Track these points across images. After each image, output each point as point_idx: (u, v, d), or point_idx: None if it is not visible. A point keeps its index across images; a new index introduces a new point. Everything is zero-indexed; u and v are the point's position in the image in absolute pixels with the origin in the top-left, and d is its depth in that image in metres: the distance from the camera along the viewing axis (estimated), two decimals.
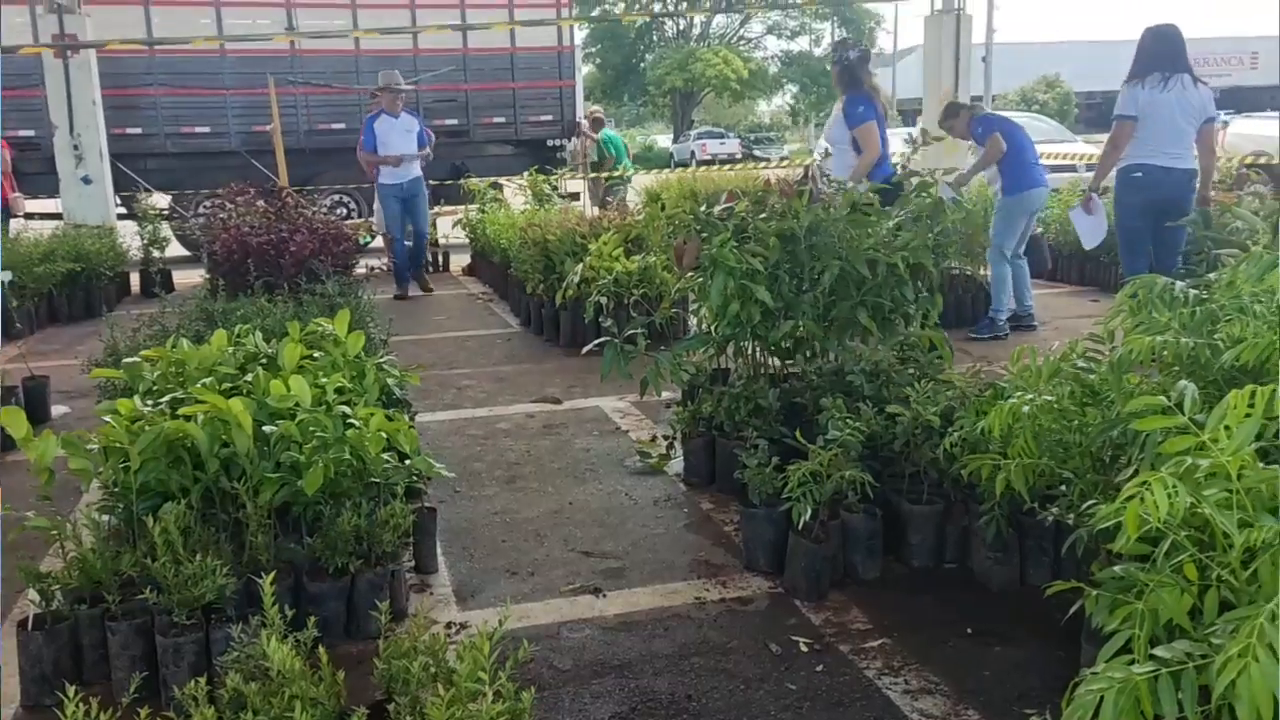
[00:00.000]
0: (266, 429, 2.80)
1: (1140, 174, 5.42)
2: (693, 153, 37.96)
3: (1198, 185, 5.46)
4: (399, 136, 8.59)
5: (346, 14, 11.87)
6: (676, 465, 4.13)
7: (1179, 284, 2.41)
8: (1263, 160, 11.09)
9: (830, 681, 2.53)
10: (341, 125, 11.88)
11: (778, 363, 4.24)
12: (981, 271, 7.11)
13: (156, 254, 9.33)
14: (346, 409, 2.98)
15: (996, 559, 2.98)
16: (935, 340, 4.00)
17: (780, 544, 3.12)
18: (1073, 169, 13.57)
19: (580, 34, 41.20)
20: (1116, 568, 1.66)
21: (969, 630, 2.77)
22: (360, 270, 8.34)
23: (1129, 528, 1.43)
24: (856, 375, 3.82)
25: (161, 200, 11.27)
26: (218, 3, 11.46)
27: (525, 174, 10.48)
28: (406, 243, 8.93)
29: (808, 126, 51.71)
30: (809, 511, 2.91)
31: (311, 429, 2.80)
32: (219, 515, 2.79)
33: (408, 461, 3.07)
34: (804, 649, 2.69)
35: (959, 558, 3.16)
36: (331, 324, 3.57)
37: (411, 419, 3.78)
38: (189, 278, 9.06)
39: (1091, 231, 6.03)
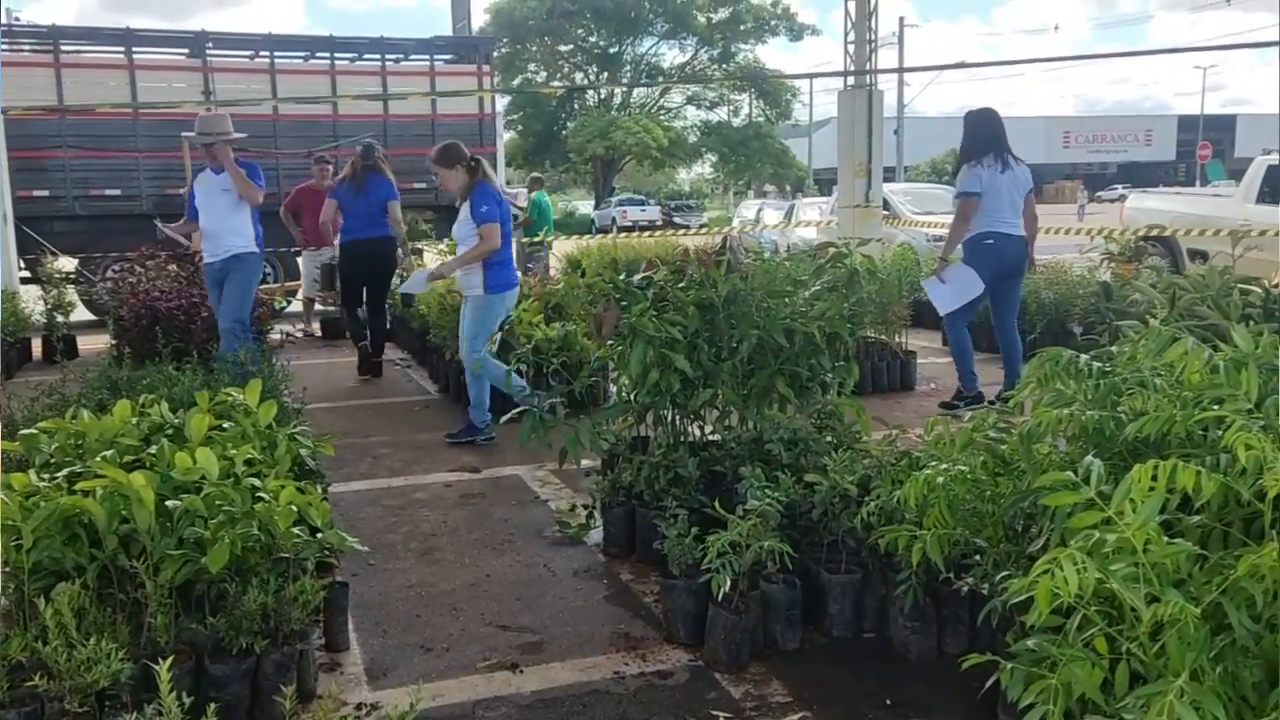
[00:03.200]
0: (170, 503, 2.70)
1: (992, 240, 6.08)
2: (614, 219, 38.36)
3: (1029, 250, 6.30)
4: (213, 199, 6.35)
5: (265, 79, 11.81)
6: (596, 535, 4.09)
7: (1083, 357, 2.49)
8: (1156, 233, 11.63)
9: None
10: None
11: (698, 431, 4.25)
12: (896, 339, 7.27)
13: (61, 319, 9.02)
14: (256, 481, 2.89)
15: (914, 628, 3.00)
16: (852, 409, 4.06)
17: (700, 615, 3.10)
18: None
19: (502, 102, 41.72)
20: (1029, 641, 1.67)
21: (887, 701, 2.77)
22: (276, 336, 8.17)
23: (1041, 604, 1.44)
24: (775, 443, 3.84)
25: (68, 264, 10.94)
26: (131, 66, 11.30)
27: (445, 240, 10.44)
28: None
29: (727, 194, 52.81)
30: (728, 582, 2.89)
31: (218, 503, 2.71)
32: (117, 595, 2.66)
33: (319, 535, 2.97)
34: None
35: (878, 627, 3.17)
36: (242, 393, 3.47)
37: (325, 490, 3.69)
38: (94, 344, 8.77)
39: (945, 298, 6.36)
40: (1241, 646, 1.41)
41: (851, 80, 12.50)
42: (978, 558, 2.63)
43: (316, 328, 10.41)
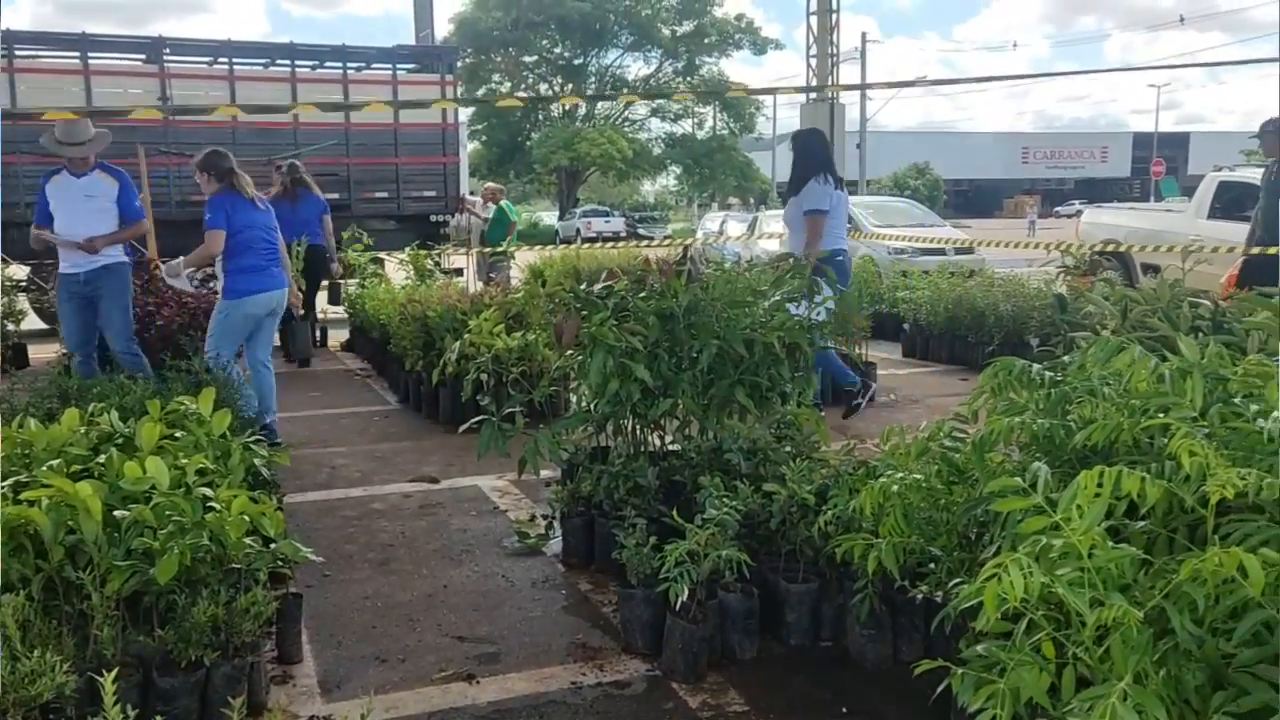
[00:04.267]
0: (118, 514, 2.65)
1: (841, 257, 6.31)
2: (578, 230, 38.39)
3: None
4: (76, 205, 5.78)
5: (224, 86, 11.68)
6: (555, 545, 4.07)
7: (1035, 366, 2.52)
8: (1111, 248, 11.82)
9: None
10: None
11: (658, 440, 4.25)
12: (856, 350, 7.32)
13: (11, 327, 8.86)
14: (208, 491, 2.85)
15: (870, 636, 3.01)
16: (811, 418, 4.08)
17: (658, 625, 3.09)
18: (942, 252, 14.22)
19: (466, 112, 41.62)
20: (979, 646, 1.68)
21: (844, 709, 2.78)
22: None
23: (988, 608, 1.46)
24: (734, 453, 3.85)
25: (19, 271, 10.75)
26: (86, 71, 11.14)
27: (407, 249, 10.39)
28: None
29: (691, 207, 53.03)
30: (686, 591, 2.89)
31: (167, 513, 2.66)
32: (63, 607, 2.61)
33: (273, 546, 2.93)
34: None
35: (835, 635, 3.18)
36: (195, 402, 3.42)
37: (280, 500, 3.64)
38: (45, 352, 8.61)
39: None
40: (1184, 650, 1.43)
41: (814, 96, 12.63)
42: (932, 565, 2.64)
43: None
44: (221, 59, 12.09)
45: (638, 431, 4.19)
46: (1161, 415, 1.90)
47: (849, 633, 3.11)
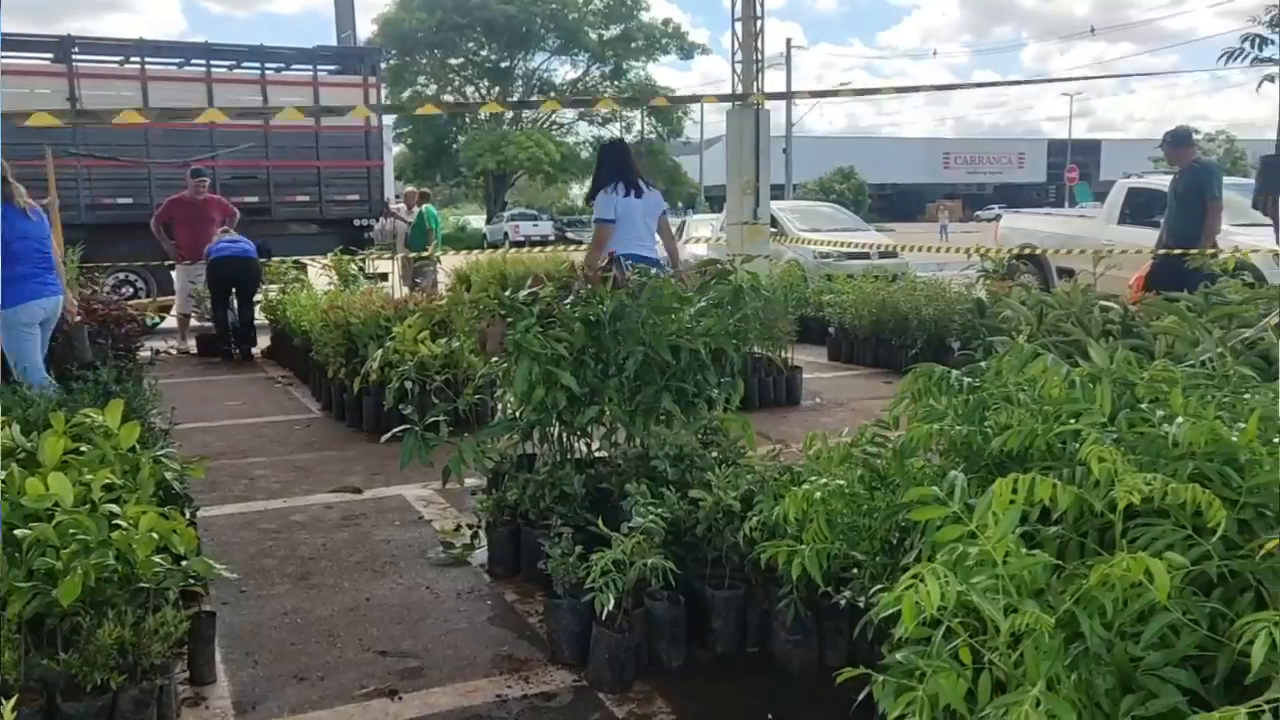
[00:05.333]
0: (19, 532, 2.54)
1: (629, 264, 6.24)
2: (506, 234, 38.13)
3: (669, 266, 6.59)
4: None
5: (135, 86, 11.33)
6: (481, 555, 4.02)
7: (954, 373, 2.55)
8: (1027, 252, 12.13)
9: None
10: (129, 200, 11.26)
11: (584, 448, 4.23)
12: (781, 354, 7.39)
13: None
14: (115, 508, 2.74)
15: (796, 642, 3.03)
16: (737, 424, 4.09)
17: (585, 635, 3.07)
18: (866, 256, 14.44)
19: (390, 114, 41.07)
20: (899, 654, 1.70)
21: (770, 715, 2.79)
22: (146, 354, 7.83)
23: (906, 617, 1.47)
24: (661, 460, 3.84)
25: None
26: None
27: (330, 254, 10.21)
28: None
29: None
30: (612, 601, 2.87)
31: (71, 531, 2.56)
32: None
33: (184, 563, 2.84)
34: None
35: (761, 641, 3.19)
36: (102, 414, 3.30)
37: (192, 515, 3.53)
38: None
39: None
40: (1094, 654, 1.46)
41: (739, 103, 12.71)
42: (856, 571, 2.66)
43: (192, 345, 10.03)
44: (134, 58, 11.75)
45: (564, 439, 4.15)
46: (1073, 421, 1.94)
47: (775, 639, 3.12)
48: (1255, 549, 1.52)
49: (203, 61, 11.97)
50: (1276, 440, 1.68)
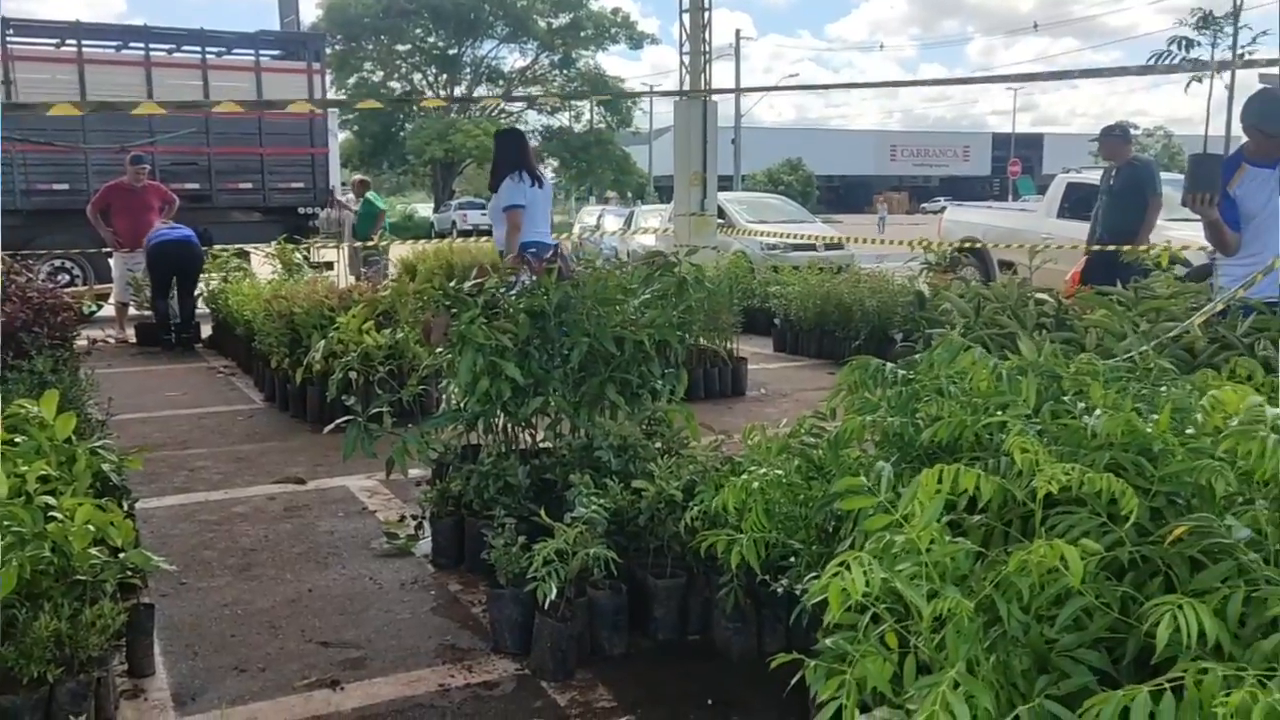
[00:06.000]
0: None
1: (535, 250, 6.45)
2: (454, 222, 37.81)
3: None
4: None
5: (72, 70, 11.06)
6: (425, 546, 4.02)
7: (889, 365, 2.61)
8: (970, 245, 12.34)
9: None
10: (65, 186, 11.00)
11: (529, 439, 4.24)
12: (727, 345, 7.45)
13: None
14: (51, 500, 2.71)
15: (735, 629, 3.08)
16: (681, 414, 4.13)
17: (527, 624, 3.09)
18: (812, 248, 14.58)
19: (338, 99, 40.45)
20: (829, 639, 1.75)
21: (709, 701, 2.84)
22: (82, 343, 7.68)
23: (832, 604, 1.52)
24: (605, 450, 3.87)
25: None
26: None
27: (274, 243, 10.08)
28: None
29: (569, 200, 52.93)
30: (554, 590, 2.90)
31: (6, 524, 2.52)
32: None
33: (121, 555, 2.81)
34: None
35: (702, 629, 3.24)
36: (37, 405, 3.24)
37: (130, 507, 3.49)
38: None
39: None
40: (1012, 637, 1.52)
41: (689, 89, 12.76)
42: (793, 559, 2.72)
43: (130, 334, 9.84)
44: (70, 41, 11.46)
45: (509, 430, 4.17)
46: (1000, 413, 2.01)
47: (715, 626, 3.17)
48: (1165, 535, 1.59)
49: (141, 45, 11.70)
50: (1189, 432, 1.76)
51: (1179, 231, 8.98)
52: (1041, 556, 1.48)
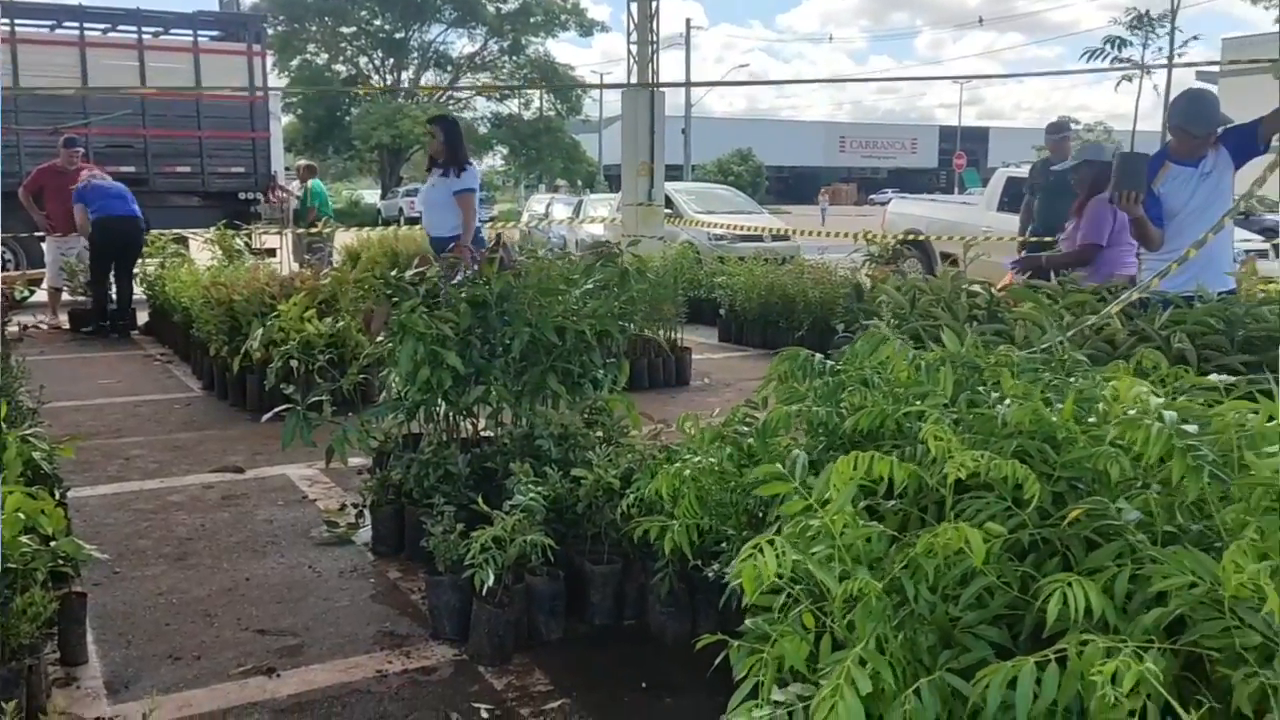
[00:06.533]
0: None
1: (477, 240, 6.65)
2: (401, 209, 37.40)
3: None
4: None
5: (3, 50, 10.78)
6: (365, 534, 4.04)
7: (817, 356, 2.68)
8: (912, 237, 12.54)
9: None
10: None
11: (470, 428, 4.27)
12: (671, 336, 7.52)
13: None
14: None
15: (669, 614, 3.14)
16: (622, 404, 4.18)
17: (465, 610, 3.13)
18: (759, 239, 14.71)
19: (280, 81, 39.79)
20: (750, 620, 1.81)
21: (644, 684, 2.90)
22: (14, 329, 7.53)
23: (746, 586, 1.58)
24: (545, 439, 3.91)
25: None
26: None
27: (213, 228, 9.93)
28: None
29: (518, 187, 52.65)
30: (491, 577, 2.94)
31: None
32: None
33: (52, 544, 2.80)
34: (485, 715, 2.71)
35: (638, 614, 3.30)
36: None
37: (62, 496, 3.46)
38: None
39: None
40: (919, 616, 1.59)
41: (636, 79, 12.78)
42: (725, 545, 2.78)
43: (64, 320, 9.65)
44: (1, 20, 11.17)
45: (450, 419, 4.19)
46: (918, 403, 2.08)
47: (651, 611, 3.23)
48: (1063, 518, 1.67)
49: (75, 25, 11.43)
50: (1091, 420, 1.85)
51: None
52: (947, 539, 1.55)
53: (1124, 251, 5.68)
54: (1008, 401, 1.91)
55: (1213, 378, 1.91)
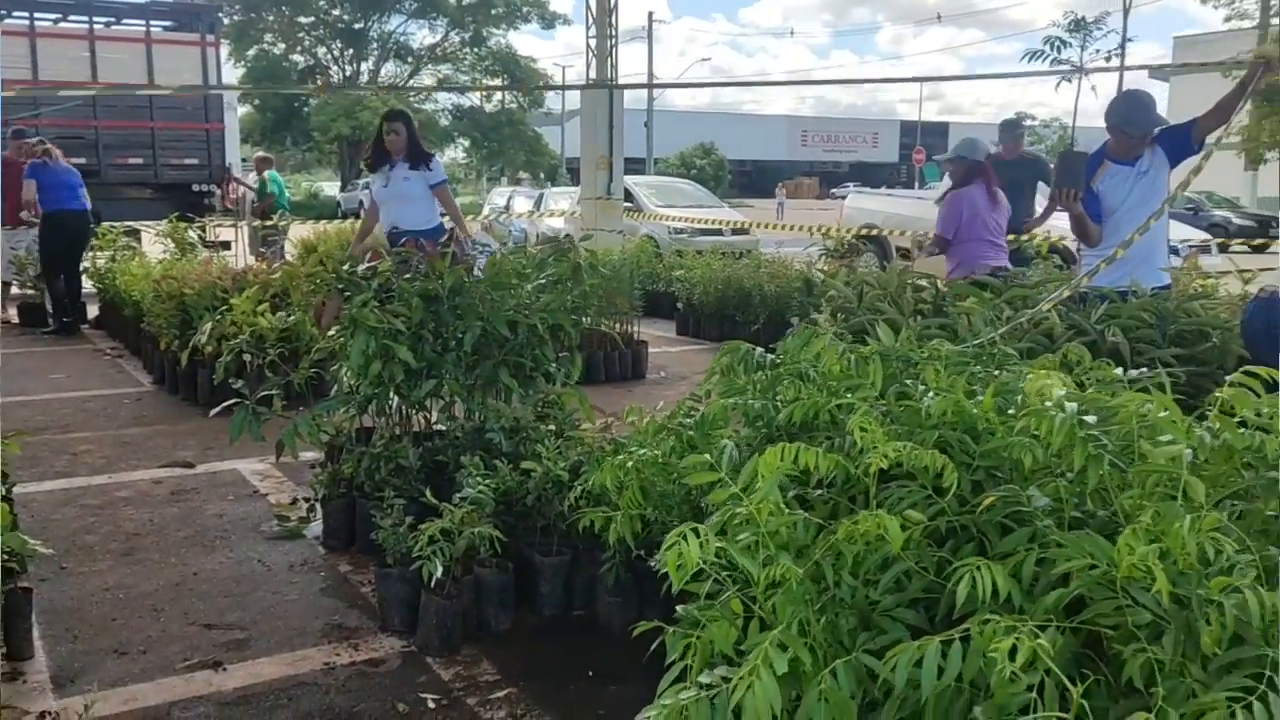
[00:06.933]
0: None
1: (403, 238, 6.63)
2: (361, 202, 37.07)
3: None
4: None
5: None
6: (317, 528, 4.05)
7: (758, 350, 2.74)
8: (873, 232, 12.68)
9: None
10: None
11: (423, 421, 4.29)
12: (627, 329, 7.56)
13: None
14: None
15: (616, 604, 3.20)
16: (573, 397, 4.22)
17: (415, 602, 3.15)
18: (719, 233, 14.78)
19: (236, 72, 39.26)
20: (680, 608, 1.87)
21: (590, 673, 2.95)
22: None
23: (671, 572, 1.63)
24: (496, 433, 3.94)
25: None
26: None
27: (166, 220, 9.82)
28: None
29: (480, 180, 52.37)
30: (440, 568, 2.97)
31: None
32: None
33: None
34: (431, 705, 2.74)
35: (586, 604, 3.35)
36: None
37: (8, 491, 3.44)
38: None
39: None
40: (840, 600, 1.66)
41: (594, 74, 12.80)
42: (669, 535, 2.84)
43: (13, 314, 9.51)
44: None
45: (402, 412, 4.21)
46: (849, 395, 2.15)
47: (599, 601, 3.28)
48: (978, 505, 1.74)
49: (25, 14, 11.23)
50: (1011, 412, 1.92)
51: (1061, 221, 9.39)
52: (867, 527, 1.62)
53: (981, 246, 6.04)
54: (931, 394, 1.97)
55: (1119, 370, 1.98)
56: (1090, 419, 1.61)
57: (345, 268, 4.28)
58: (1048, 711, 1.31)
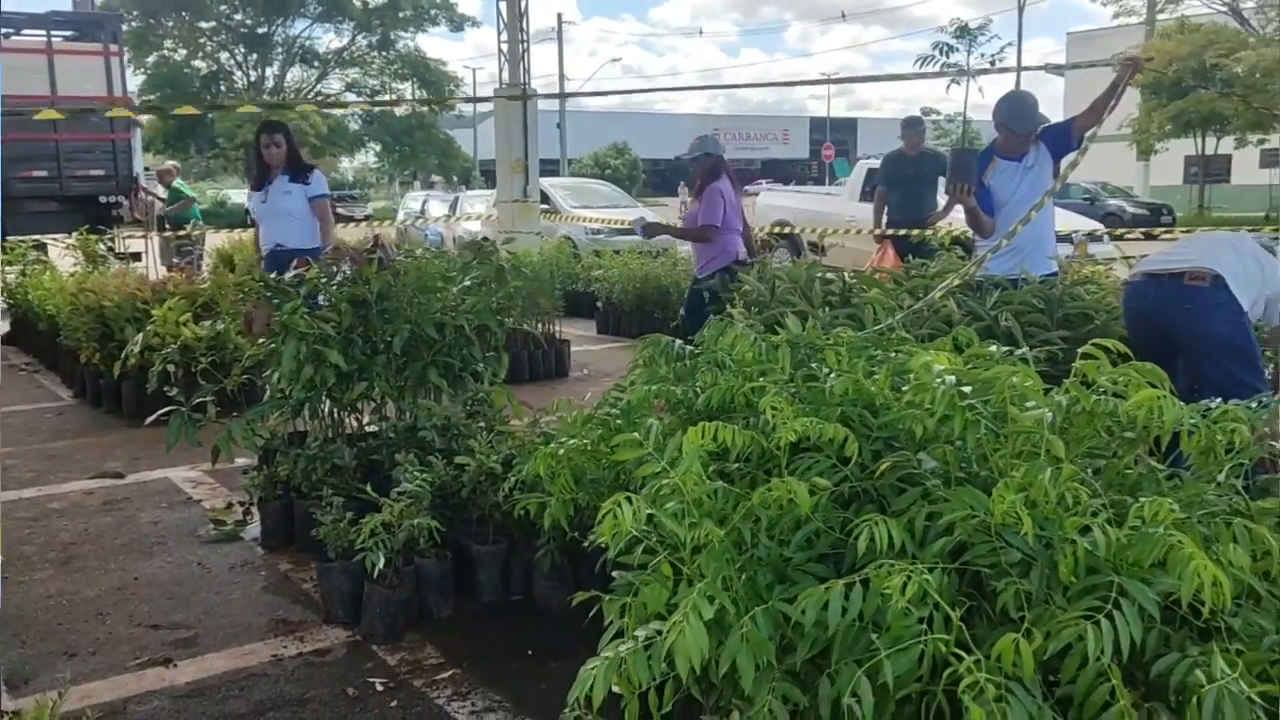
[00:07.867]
0: None
1: (290, 258, 6.71)
2: None
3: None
4: None
5: None
6: (254, 530, 4.13)
7: (677, 342, 2.95)
8: (781, 228, 13.03)
9: (404, 714, 2.75)
10: None
11: (355, 423, 4.40)
12: (549, 329, 7.72)
13: None
14: None
15: (553, 586, 3.37)
16: (502, 395, 4.37)
17: (358, 594, 3.29)
18: (634, 233, 14.97)
19: (137, 80, 38.21)
20: (616, 574, 2.06)
21: (530, 652, 3.12)
22: None
23: (607, 537, 1.82)
24: (429, 431, 4.08)
25: None
26: None
27: (75, 233, 9.65)
28: None
29: (392, 184, 51.82)
30: (382, 559, 3.11)
31: None
32: None
33: None
34: (380, 688, 2.88)
35: (524, 589, 3.52)
36: None
37: None
38: None
39: None
40: (758, 559, 1.86)
41: (507, 77, 12.90)
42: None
43: None
44: None
45: (335, 415, 4.31)
46: (761, 379, 2.36)
47: (536, 585, 3.45)
48: (876, 470, 1.97)
49: None
50: (905, 389, 2.15)
51: (962, 214, 9.83)
52: (780, 493, 1.83)
53: (734, 237, 6.48)
54: (834, 375, 2.20)
55: (993, 347, 2.21)
56: (967, 389, 1.85)
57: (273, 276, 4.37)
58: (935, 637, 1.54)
